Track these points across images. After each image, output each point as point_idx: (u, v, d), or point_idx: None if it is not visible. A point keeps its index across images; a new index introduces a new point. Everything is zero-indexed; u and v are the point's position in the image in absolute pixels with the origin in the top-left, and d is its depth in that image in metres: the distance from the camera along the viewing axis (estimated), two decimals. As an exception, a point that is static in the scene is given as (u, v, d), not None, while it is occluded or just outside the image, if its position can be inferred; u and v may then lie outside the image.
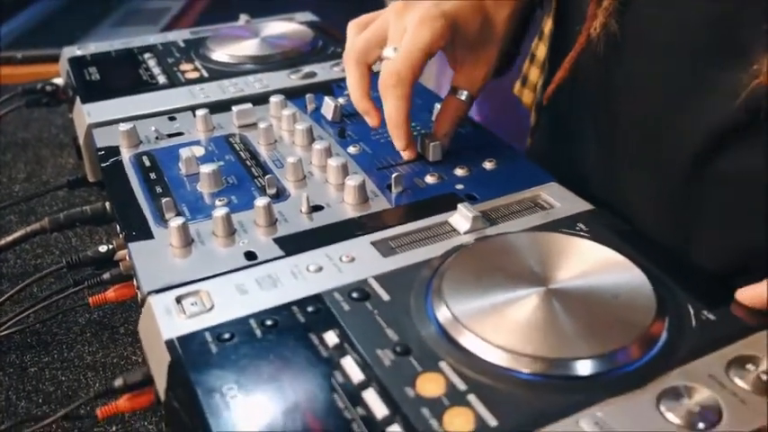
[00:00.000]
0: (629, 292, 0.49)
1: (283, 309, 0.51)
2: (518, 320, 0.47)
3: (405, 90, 0.65)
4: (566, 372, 0.44)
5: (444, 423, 0.41)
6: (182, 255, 0.58)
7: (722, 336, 0.47)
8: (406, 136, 0.67)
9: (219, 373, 0.45)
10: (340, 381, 0.44)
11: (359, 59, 0.68)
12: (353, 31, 0.72)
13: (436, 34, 0.64)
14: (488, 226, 0.59)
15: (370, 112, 0.68)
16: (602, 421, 0.41)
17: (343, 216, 0.62)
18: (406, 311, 0.50)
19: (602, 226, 0.58)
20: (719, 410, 0.42)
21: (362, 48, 0.69)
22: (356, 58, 0.68)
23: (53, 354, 0.65)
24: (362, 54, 0.68)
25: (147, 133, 0.77)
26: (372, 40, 0.68)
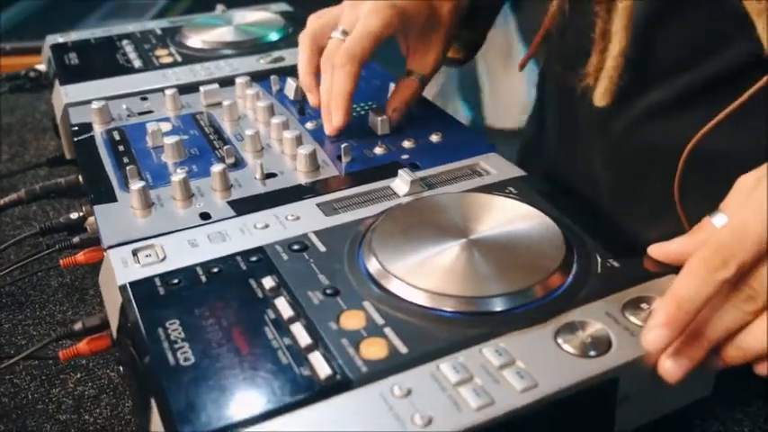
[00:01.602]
0: (542, 242, 0.54)
1: (228, 258, 0.56)
2: (437, 266, 0.52)
3: (353, 68, 0.70)
4: (473, 308, 0.49)
5: (360, 351, 0.46)
6: (142, 215, 0.63)
7: (624, 281, 0.52)
8: (345, 110, 0.72)
9: (164, 311, 0.50)
10: (272, 317, 0.49)
11: (311, 40, 0.74)
12: (313, 17, 0.78)
13: (386, 21, 0.70)
14: (426, 189, 0.64)
15: (313, 90, 0.74)
16: (503, 350, 0.46)
17: (294, 182, 0.67)
18: (338, 260, 0.55)
19: (530, 188, 0.63)
20: (609, 340, 0.47)
21: (317, 30, 0.75)
22: (310, 38, 0.74)
23: (26, 312, 0.70)
24: (315, 35, 0.74)
25: (119, 111, 0.82)
26: (326, 26, 0.75)
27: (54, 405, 0.59)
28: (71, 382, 0.61)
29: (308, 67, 0.74)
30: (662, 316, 0.44)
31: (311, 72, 0.74)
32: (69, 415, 0.58)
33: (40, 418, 0.57)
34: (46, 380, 0.61)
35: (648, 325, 0.45)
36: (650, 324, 0.45)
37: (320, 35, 0.74)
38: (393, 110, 0.74)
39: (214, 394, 0.43)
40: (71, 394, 0.60)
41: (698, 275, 0.44)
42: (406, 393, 0.43)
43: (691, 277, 0.44)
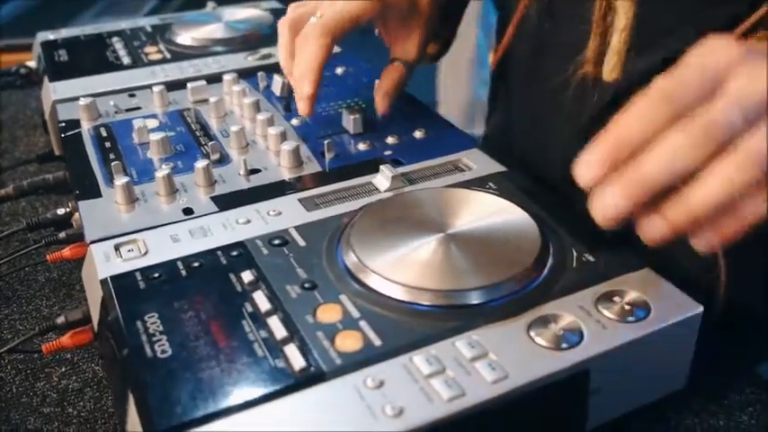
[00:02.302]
0: (518, 236, 0.55)
1: (209, 253, 0.56)
2: (414, 260, 0.52)
3: (326, 40, 0.70)
4: (448, 302, 0.49)
5: (335, 343, 0.47)
6: (125, 211, 0.63)
7: (598, 275, 0.52)
8: (313, 83, 0.70)
9: (143, 304, 0.51)
10: (249, 310, 0.50)
11: (290, 26, 0.74)
12: (292, 8, 0.78)
13: (364, 8, 0.71)
14: (407, 185, 0.65)
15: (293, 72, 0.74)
16: (476, 342, 0.47)
17: (278, 178, 0.67)
18: (317, 255, 0.55)
19: (510, 184, 0.64)
20: (581, 333, 0.47)
21: (296, 17, 0.75)
22: (288, 24, 0.74)
23: (12, 307, 0.70)
24: (294, 22, 0.74)
25: (107, 108, 0.82)
26: (306, 13, 0.75)
27: (38, 398, 0.59)
28: (55, 375, 0.61)
29: (286, 51, 0.74)
30: (594, 150, 0.42)
31: (291, 57, 0.74)
32: (53, 408, 0.58)
33: (24, 412, 0.58)
34: (30, 373, 0.62)
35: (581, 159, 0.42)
36: (583, 158, 0.42)
37: (298, 22, 0.74)
38: (383, 95, 0.75)
39: (190, 386, 0.44)
40: (55, 388, 0.60)
41: (635, 114, 0.42)
42: (379, 385, 0.43)
43: (629, 116, 0.42)
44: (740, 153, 0.40)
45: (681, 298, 0.50)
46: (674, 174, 0.41)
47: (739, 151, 0.40)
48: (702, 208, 0.41)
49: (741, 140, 0.40)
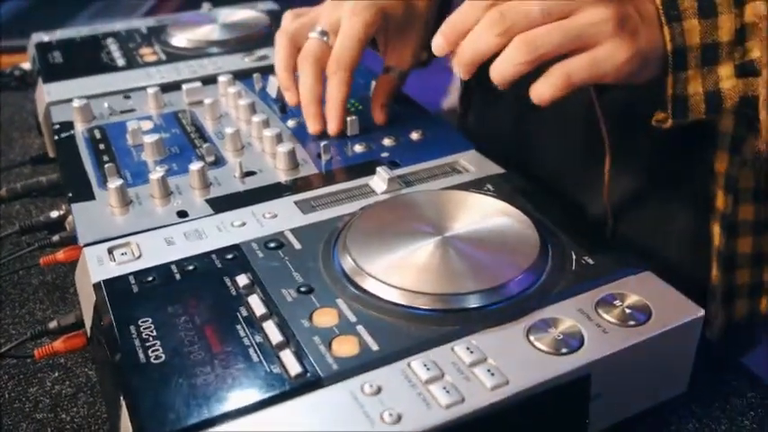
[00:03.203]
0: (517, 239, 0.54)
1: (203, 256, 0.55)
2: (411, 264, 0.52)
3: (345, 75, 0.71)
4: (446, 306, 0.49)
5: (332, 348, 0.46)
6: (119, 213, 0.62)
7: (598, 278, 0.52)
8: (340, 118, 0.73)
9: (137, 308, 0.50)
10: (244, 314, 0.49)
11: (290, 38, 0.74)
12: (289, 18, 0.78)
13: (368, 22, 0.71)
14: (404, 187, 0.64)
15: (292, 89, 0.74)
16: (475, 347, 0.46)
17: (274, 180, 0.67)
18: (313, 258, 0.54)
19: (508, 186, 0.63)
20: (581, 337, 0.47)
21: (295, 30, 0.75)
22: (288, 36, 0.74)
23: (5, 310, 0.69)
24: (294, 35, 0.74)
25: (101, 110, 0.81)
26: (306, 25, 0.75)
27: (31, 404, 0.58)
28: (48, 380, 0.61)
29: (285, 66, 0.74)
30: (442, 28, 0.55)
31: (289, 70, 0.74)
32: (46, 414, 0.58)
33: (17, 417, 0.57)
34: (23, 379, 0.61)
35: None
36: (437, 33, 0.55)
37: (298, 34, 0.74)
38: (380, 107, 0.74)
39: (183, 392, 0.43)
40: (48, 393, 0.59)
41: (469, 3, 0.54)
42: (377, 391, 0.43)
43: (465, 5, 0.54)
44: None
45: (682, 301, 0.50)
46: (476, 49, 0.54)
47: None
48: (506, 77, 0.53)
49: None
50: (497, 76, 0.53)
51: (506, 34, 0.52)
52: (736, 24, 0.53)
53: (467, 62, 0.54)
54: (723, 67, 0.54)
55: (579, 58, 0.52)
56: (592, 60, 0.52)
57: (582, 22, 0.51)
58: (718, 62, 0.54)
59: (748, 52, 0.53)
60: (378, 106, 0.75)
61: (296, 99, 0.74)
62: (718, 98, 0.54)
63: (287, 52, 0.74)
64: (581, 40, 0.51)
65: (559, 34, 0.51)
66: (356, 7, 0.71)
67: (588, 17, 0.51)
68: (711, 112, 0.54)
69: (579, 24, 0.51)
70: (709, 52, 0.53)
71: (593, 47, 0.51)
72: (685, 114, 0.55)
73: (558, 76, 0.52)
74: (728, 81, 0.54)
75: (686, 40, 0.53)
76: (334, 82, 0.71)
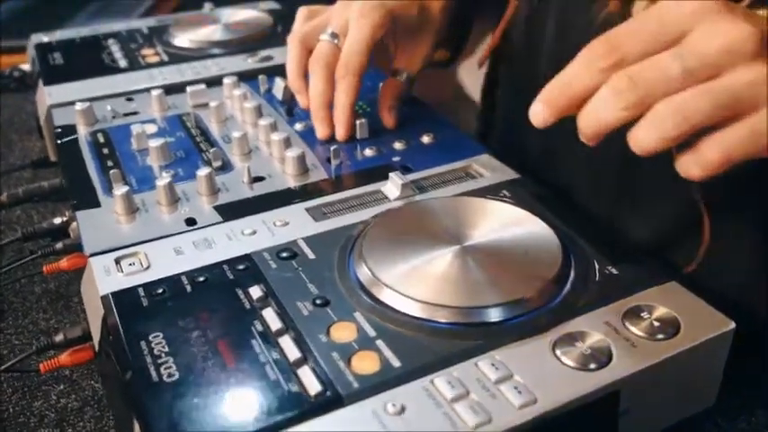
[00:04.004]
0: (538, 248, 0.52)
1: (214, 267, 0.54)
2: (431, 274, 0.50)
3: (353, 80, 0.69)
4: (468, 319, 0.47)
5: (351, 365, 0.44)
6: (126, 221, 0.61)
7: (623, 289, 0.50)
8: (348, 124, 0.71)
9: (147, 323, 0.48)
10: (259, 329, 0.47)
11: (301, 41, 0.73)
12: (302, 17, 0.77)
13: (376, 24, 0.69)
14: (418, 193, 0.62)
15: (302, 92, 0.73)
16: (500, 363, 0.44)
17: (283, 186, 0.65)
18: (329, 269, 0.53)
19: (524, 192, 0.61)
20: (609, 352, 0.45)
21: (307, 32, 0.73)
22: (300, 39, 0.73)
23: (8, 320, 0.68)
24: (306, 37, 0.73)
25: (104, 113, 0.79)
26: (317, 28, 0.73)
27: (36, 418, 0.57)
28: (54, 394, 0.59)
29: (297, 69, 0.73)
30: (544, 93, 0.45)
31: (301, 74, 0.73)
32: (52, 429, 0.56)
33: (22, 433, 0.55)
34: (28, 392, 0.59)
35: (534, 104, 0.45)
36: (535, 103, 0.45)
37: (310, 37, 0.73)
38: (388, 110, 0.73)
39: (198, 413, 0.41)
40: (54, 407, 0.58)
41: (580, 62, 0.44)
42: (400, 411, 0.41)
43: (574, 63, 0.44)
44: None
45: (711, 314, 0.48)
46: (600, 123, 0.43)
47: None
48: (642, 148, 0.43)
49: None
50: (638, 149, 0.43)
51: (640, 106, 0.42)
52: None
53: (590, 137, 0.44)
54: None
55: (736, 130, 0.41)
56: (752, 131, 0.41)
57: (735, 83, 0.41)
58: None
59: None
60: (385, 109, 0.73)
61: (308, 102, 0.72)
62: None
63: (298, 56, 0.73)
64: (735, 106, 0.41)
65: (709, 100, 0.41)
66: (364, 8, 0.69)
67: (742, 77, 0.41)
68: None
69: (732, 86, 0.41)
70: None
71: (748, 113, 0.41)
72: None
73: (715, 154, 0.42)
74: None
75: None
76: (341, 87, 0.69)
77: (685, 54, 0.41)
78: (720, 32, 0.41)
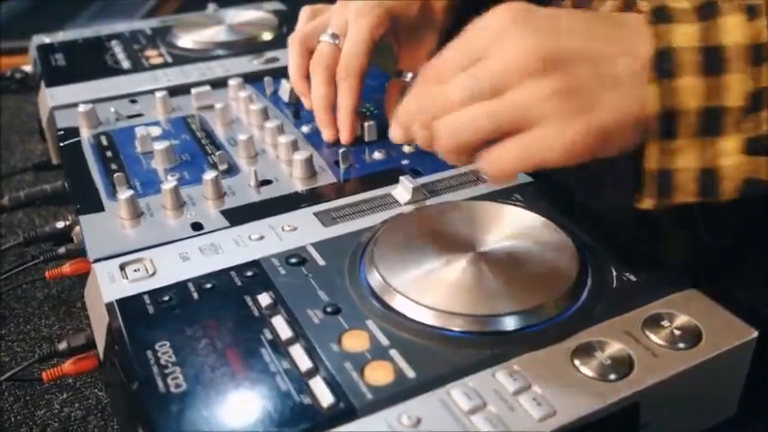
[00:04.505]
0: (554, 254, 0.51)
1: (222, 273, 0.52)
2: (444, 281, 0.49)
3: (354, 81, 0.68)
4: (484, 328, 0.46)
5: (365, 375, 0.43)
6: (130, 226, 0.59)
7: (641, 296, 0.49)
8: (351, 127, 0.70)
9: (153, 331, 0.47)
10: (269, 338, 0.46)
11: (302, 42, 0.72)
12: (305, 16, 0.76)
13: (374, 24, 0.68)
14: (429, 197, 0.61)
15: (307, 94, 0.72)
16: (518, 374, 0.43)
17: (291, 189, 0.64)
18: (339, 275, 0.51)
19: (537, 196, 0.60)
20: (630, 362, 0.44)
21: (308, 33, 0.72)
22: (300, 40, 0.72)
23: (10, 327, 0.66)
24: (306, 38, 0.72)
25: (107, 115, 0.78)
26: (318, 28, 0.72)
27: (38, 428, 0.55)
28: (57, 402, 0.58)
29: (299, 71, 0.72)
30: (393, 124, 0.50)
31: (303, 76, 0.71)
32: (54, 438, 0.54)
33: (24, 443, 0.54)
34: (30, 401, 0.58)
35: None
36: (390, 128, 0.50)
37: (310, 38, 0.71)
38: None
39: (207, 426, 0.40)
40: (57, 416, 0.56)
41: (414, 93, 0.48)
42: (416, 423, 0.40)
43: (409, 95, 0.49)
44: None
45: (732, 322, 0.47)
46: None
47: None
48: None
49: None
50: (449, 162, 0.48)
51: (427, 126, 0.46)
52: (749, 86, 0.42)
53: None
54: (727, 140, 0.43)
55: (506, 146, 0.44)
56: (522, 147, 0.43)
57: (514, 101, 0.43)
58: (720, 132, 0.43)
59: (763, 124, 0.42)
60: (391, 111, 0.72)
61: (311, 103, 0.71)
62: (714, 178, 0.44)
63: (299, 57, 0.71)
64: (514, 123, 0.43)
65: (484, 119, 0.44)
66: (363, 8, 0.68)
67: (522, 95, 0.42)
68: (705, 194, 0.44)
69: (511, 105, 0.43)
70: (711, 119, 0.43)
71: (527, 128, 0.43)
72: (669, 194, 0.45)
73: (488, 166, 0.45)
74: (732, 158, 0.43)
75: (679, 101, 0.42)
76: (343, 90, 0.68)
77: (474, 75, 0.44)
78: (505, 51, 0.43)
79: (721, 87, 0.42)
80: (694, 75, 0.42)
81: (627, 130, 0.43)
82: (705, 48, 0.42)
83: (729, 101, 0.42)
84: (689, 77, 0.42)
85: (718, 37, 0.42)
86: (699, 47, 0.42)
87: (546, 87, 0.42)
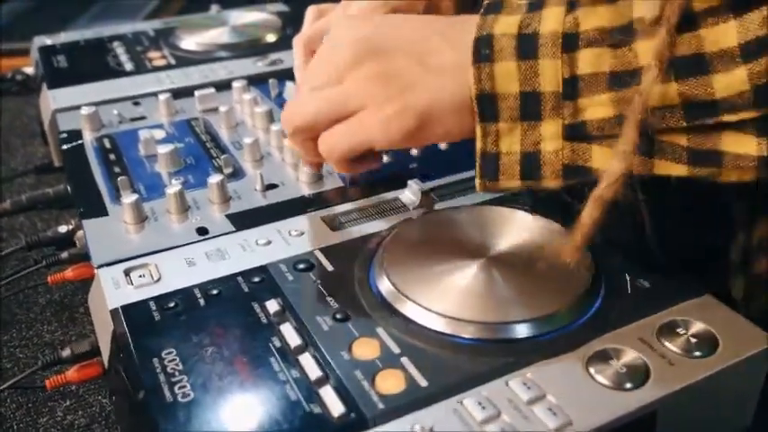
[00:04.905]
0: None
1: (228, 279, 0.51)
2: (455, 288, 0.48)
3: None
4: (497, 335, 0.45)
5: (376, 384, 0.42)
6: (135, 231, 0.58)
7: (656, 302, 0.48)
8: None
9: (159, 339, 0.46)
10: (277, 345, 0.45)
11: (305, 45, 0.72)
12: (311, 17, 0.75)
13: None
14: (437, 201, 0.60)
15: None
16: (532, 382, 0.42)
17: (297, 194, 0.63)
18: (348, 281, 0.51)
19: (545, 199, 0.59)
20: (646, 370, 0.43)
21: (311, 35, 0.72)
22: (303, 42, 0.72)
23: (12, 332, 0.66)
24: (309, 41, 0.71)
25: (110, 117, 0.77)
26: (322, 30, 0.71)
27: (41, 436, 0.54)
28: (60, 410, 0.57)
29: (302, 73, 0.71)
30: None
31: None
32: (58, 447, 0.54)
33: (26, 451, 0.53)
34: (32, 408, 0.57)
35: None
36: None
37: (314, 39, 0.71)
38: None
39: (216, 436, 0.39)
40: (60, 424, 0.56)
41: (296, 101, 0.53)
42: (428, 433, 0.39)
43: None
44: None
45: (749, 329, 0.46)
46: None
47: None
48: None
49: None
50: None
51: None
52: (563, 73, 0.43)
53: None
54: (547, 125, 0.44)
55: (336, 128, 0.50)
56: (347, 128, 0.49)
57: (343, 88, 0.49)
58: (540, 117, 0.44)
59: (581, 111, 0.43)
60: None
61: None
62: (536, 162, 0.45)
63: (303, 59, 0.71)
64: (345, 108, 0.49)
65: (323, 103, 0.50)
66: (365, 9, 0.67)
67: (348, 82, 0.49)
68: (528, 178, 0.46)
69: (340, 91, 0.49)
70: (529, 103, 0.44)
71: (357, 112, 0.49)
72: (495, 176, 0.46)
73: (322, 147, 0.51)
74: (552, 143, 0.44)
75: (496, 84, 0.44)
76: None
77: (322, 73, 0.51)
78: (336, 49, 0.50)
79: (536, 72, 0.43)
80: (511, 59, 0.43)
81: (447, 114, 0.46)
82: (522, 35, 0.43)
83: (545, 86, 0.43)
84: (506, 62, 0.43)
85: (534, 25, 0.43)
86: (516, 33, 0.43)
87: (364, 73, 0.48)
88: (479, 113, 0.45)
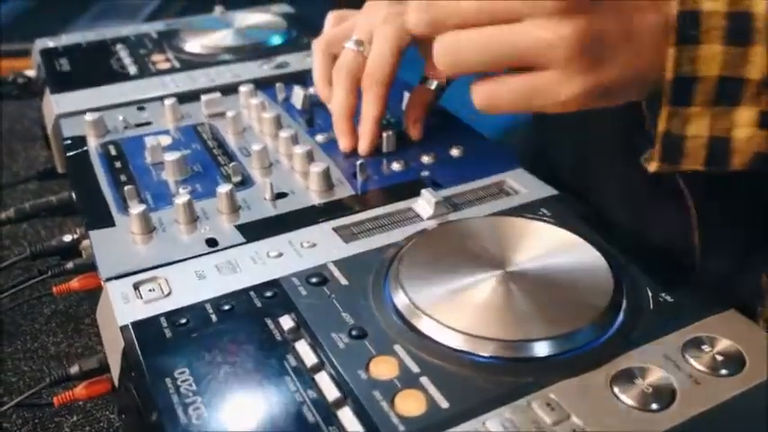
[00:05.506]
0: (587, 275, 0.49)
1: (240, 294, 0.50)
2: (474, 303, 0.47)
3: (380, 90, 0.66)
4: (518, 354, 0.44)
5: (395, 405, 0.41)
6: (142, 242, 0.57)
7: (679, 318, 0.47)
8: (372, 137, 0.68)
9: (172, 357, 0.45)
10: (293, 364, 0.44)
11: (325, 49, 0.70)
12: (332, 22, 0.74)
13: (402, 30, 0.65)
14: (451, 211, 0.59)
15: (330, 100, 0.69)
16: (555, 403, 0.41)
17: (307, 203, 0.62)
18: (363, 296, 0.49)
19: (564, 210, 0.58)
20: (673, 391, 0.42)
21: (331, 39, 0.70)
22: (323, 47, 0.70)
23: (16, 344, 0.64)
24: (329, 44, 0.70)
25: (115, 123, 0.76)
26: (341, 35, 0.70)
27: (48, 453, 0.53)
28: (67, 425, 0.56)
29: (322, 77, 0.70)
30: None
31: (327, 82, 0.69)
32: (65, 464, 0.52)
33: (33, 469, 0.52)
34: (39, 424, 0.56)
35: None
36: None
37: (334, 43, 0.69)
38: (414, 122, 0.69)
39: (233, 461, 0.38)
40: (67, 440, 0.54)
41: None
42: (452, 458, 0.38)
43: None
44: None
45: (776, 346, 0.44)
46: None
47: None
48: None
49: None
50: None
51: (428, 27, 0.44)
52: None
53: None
54: (742, 111, 0.42)
55: (508, 82, 0.43)
56: (526, 88, 0.42)
57: (525, 35, 0.41)
58: (736, 103, 0.41)
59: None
60: (411, 121, 0.70)
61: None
62: (724, 148, 0.43)
63: (323, 63, 0.69)
64: (520, 58, 0.42)
65: (489, 46, 0.42)
66: (389, 14, 0.66)
67: (536, 31, 0.40)
68: (713, 164, 0.43)
69: (521, 38, 0.41)
70: (728, 89, 0.41)
71: (537, 68, 0.42)
72: (677, 159, 0.44)
73: (480, 98, 0.44)
74: (744, 130, 0.42)
75: (698, 69, 0.41)
76: (368, 98, 0.66)
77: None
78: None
79: (746, 60, 0.40)
80: (719, 43, 0.40)
81: (632, 88, 0.43)
82: (733, 14, 0.40)
83: (751, 73, 0.40)
84: (713, 45, 0.40)
85: (747, 3, 0.39)
86: (725, 12, 0.40)
87: (563, 31, 0.40)
88: (671, 96, 0.42)
